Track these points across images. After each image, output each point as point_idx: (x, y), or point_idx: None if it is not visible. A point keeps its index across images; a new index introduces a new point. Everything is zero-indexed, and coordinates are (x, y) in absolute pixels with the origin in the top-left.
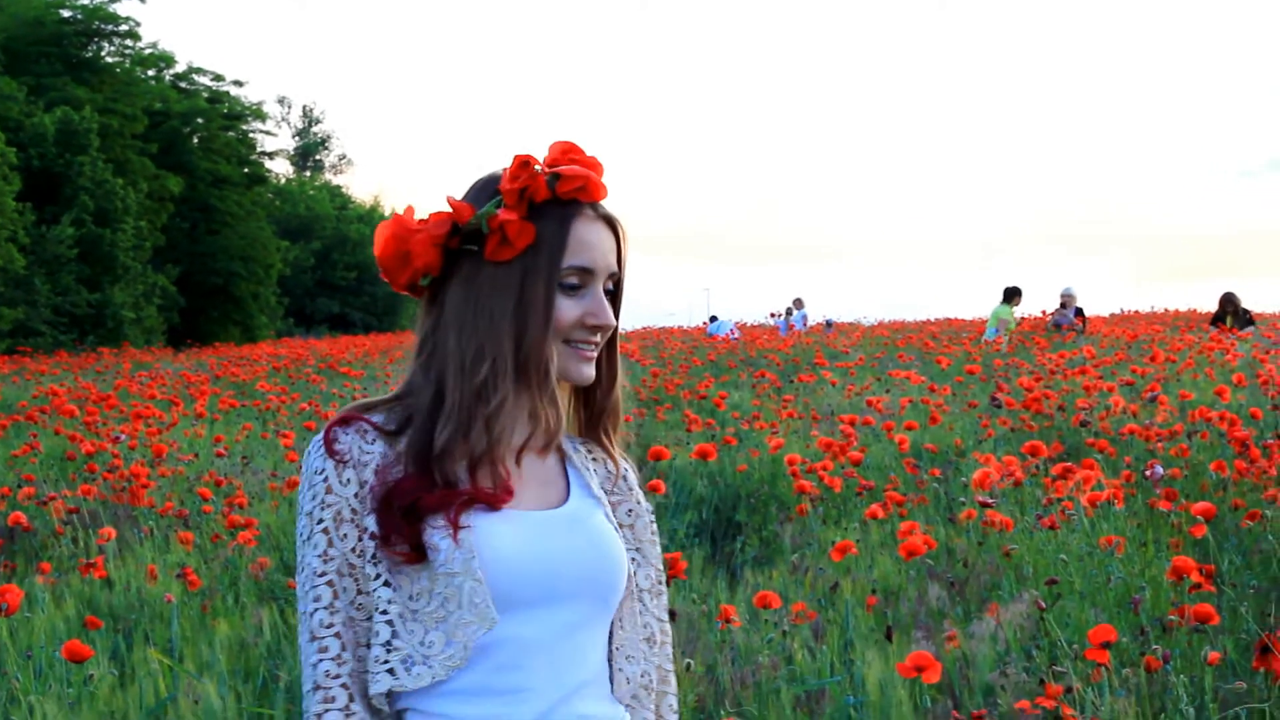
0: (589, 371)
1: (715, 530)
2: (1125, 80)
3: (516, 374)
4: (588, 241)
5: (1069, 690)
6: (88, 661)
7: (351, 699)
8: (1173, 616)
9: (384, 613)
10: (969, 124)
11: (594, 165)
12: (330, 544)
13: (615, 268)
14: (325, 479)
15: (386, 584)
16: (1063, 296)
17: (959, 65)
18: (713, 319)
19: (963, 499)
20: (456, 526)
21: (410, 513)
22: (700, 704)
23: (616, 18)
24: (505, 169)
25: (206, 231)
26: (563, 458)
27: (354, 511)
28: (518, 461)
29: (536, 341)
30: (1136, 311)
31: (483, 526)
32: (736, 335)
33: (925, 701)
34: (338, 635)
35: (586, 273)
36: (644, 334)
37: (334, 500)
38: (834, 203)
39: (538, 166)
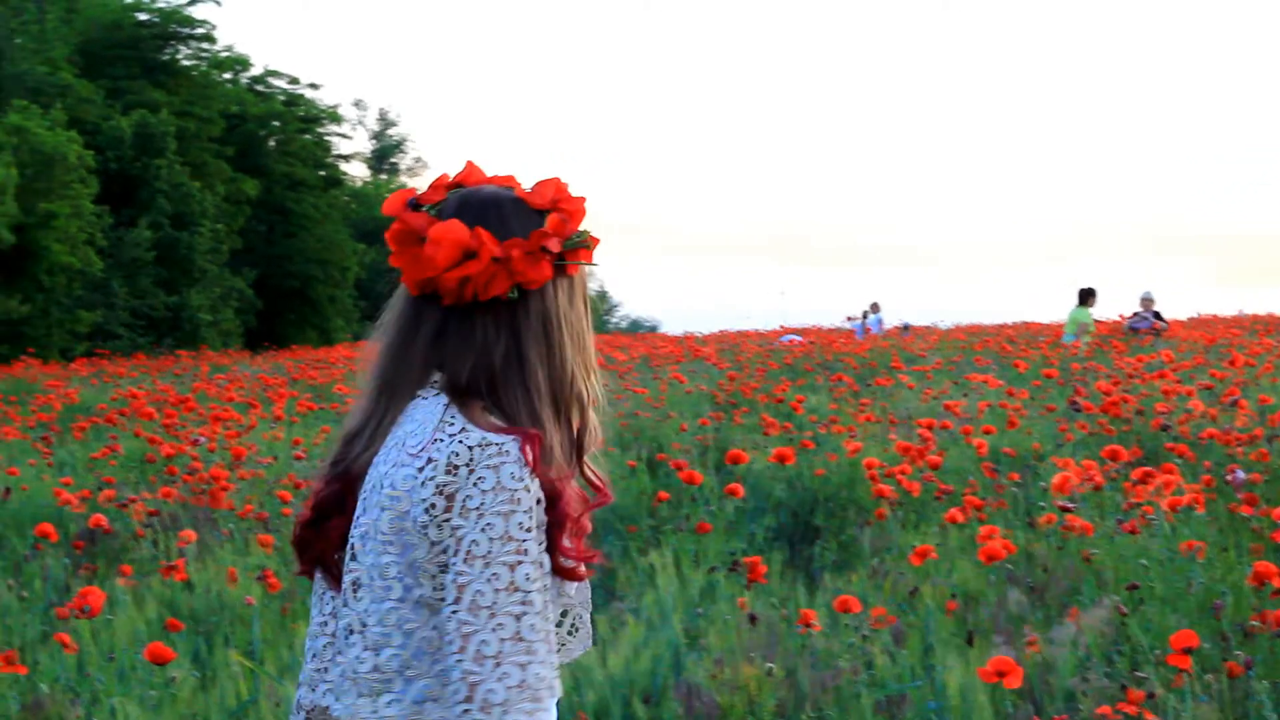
0: None
1: (793, 534)
2: (1210, 80)
3: (590, 392)
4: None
5: (1150, 696)
6: (170, 663)
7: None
8: (1254, 622)
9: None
10: (1048, 124)
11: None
12: (541, 552)
13: None
14: (528, 489)
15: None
16: (1141, 300)
17: (1040, 66)
18: (864, 314)
19: (1042, 503)
20: (588, 574)
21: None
22: (780, 709)
23: (706, 16)
24: (534, 186)
25: (283, 234)
26: None
27: (541, 522)
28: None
29: (582, 369)
30: (1215, 315)
31: None
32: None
33: (1006, 706)
34: (546, 641)
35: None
36: (720, 337)
37: (537, 509)
38: (912, 205)
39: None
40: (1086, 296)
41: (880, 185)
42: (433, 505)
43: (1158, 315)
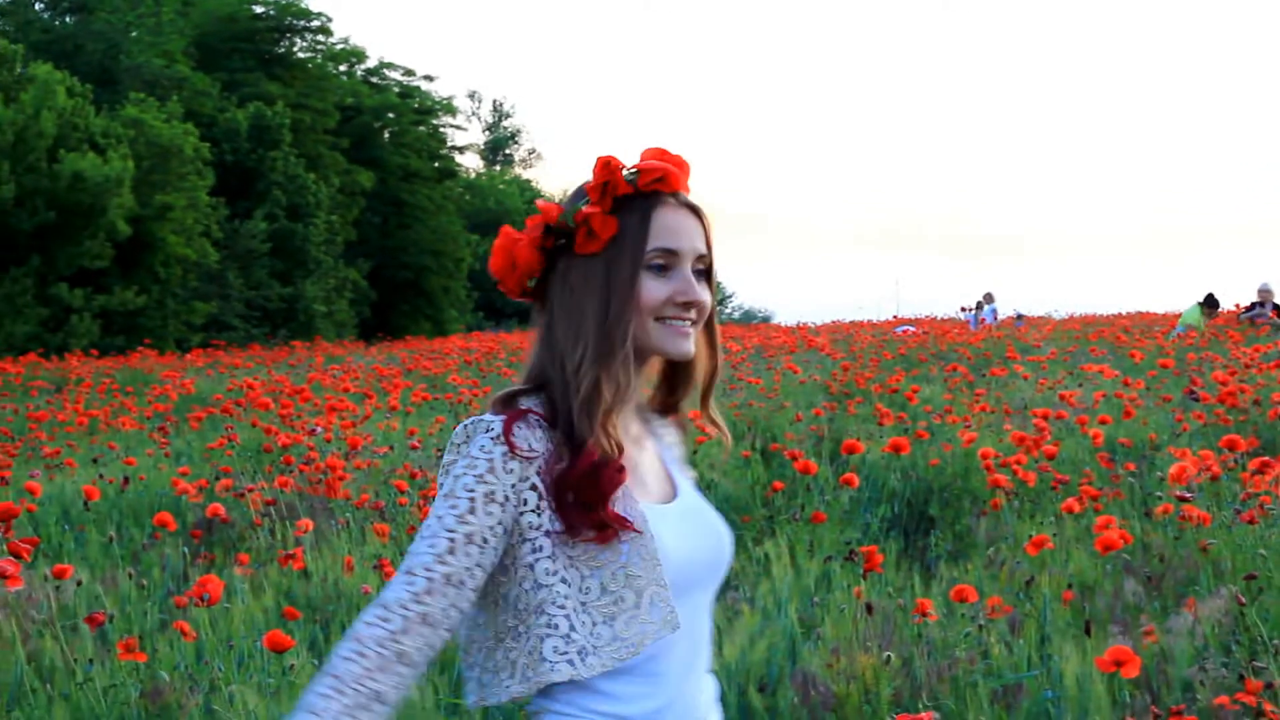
0: (687, 346)
1: (908, 524)
2: None
3: (605, 357)
4: (670, 226)
5: (1269, 686)
6: (288, 651)
7: (403, 634)
8: None
9: (561, 606)
10: (1164, 112)
11: (677, 162)
12: (472, 512)
13: (702, 250)
14: (490, 459)
15: (564, 581)
16: (1260, 292)
17: (1164, 54)
18: (978, 305)
19: (1159, 493)
20: (627, 526)
21: (587, 501)
22: (897, 697)
23: (820, 7)
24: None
25: (397, 226)
26: (655, 445)
27: (505, 499)
28: (621, 450)
29: (624, 324)
30: None
31: (652, 527)
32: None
33: (1124, 696)
34: (432, 581)
35: (672, 254)
36: (833, 328)
37: (492, 481)
38: (1027, 195)
39: (626, 170)
40: (1211, 304)
41: (996, 174)
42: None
43: (1277, 308)
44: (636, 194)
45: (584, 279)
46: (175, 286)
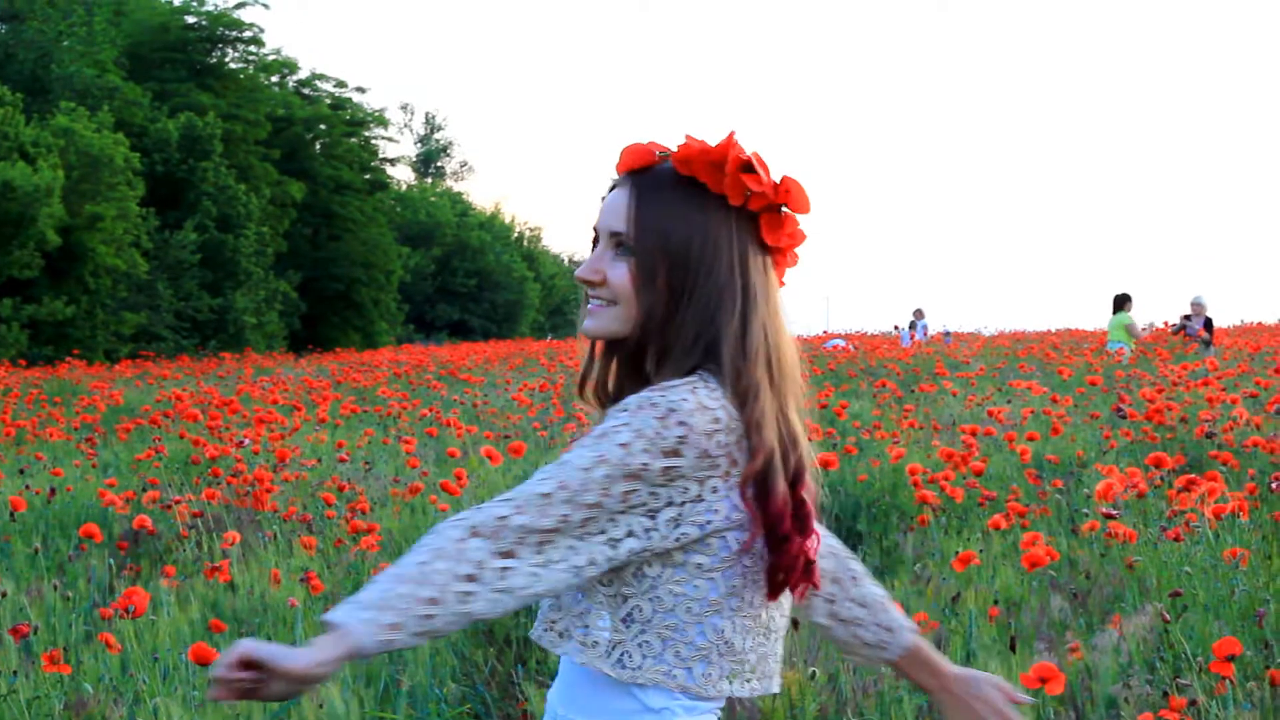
0: (588, 324)
1: None
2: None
3: None
4: (601, 206)
5: (1192, 703)
6: (213, 664)
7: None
8: None
9: None
10: (1091, 129)
11: (636, 147)
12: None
13: (616, 227)
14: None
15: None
16: (1193, 305)
17: (1090, 66)
18: (910, 322)
19: (1085, 510)
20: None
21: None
22: (822, 713)
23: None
24: None
25: (328, 238)
26: None
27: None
28: None
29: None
30: (1260, 323)
31: None
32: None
33: (1048, 713)
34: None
35: (595, 233)
36: None
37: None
38: (960, 212)
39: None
40: (1122, 302)
41: (927, 191)
42: None
43: (1207, 323)
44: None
45: None
46: (105, 297)
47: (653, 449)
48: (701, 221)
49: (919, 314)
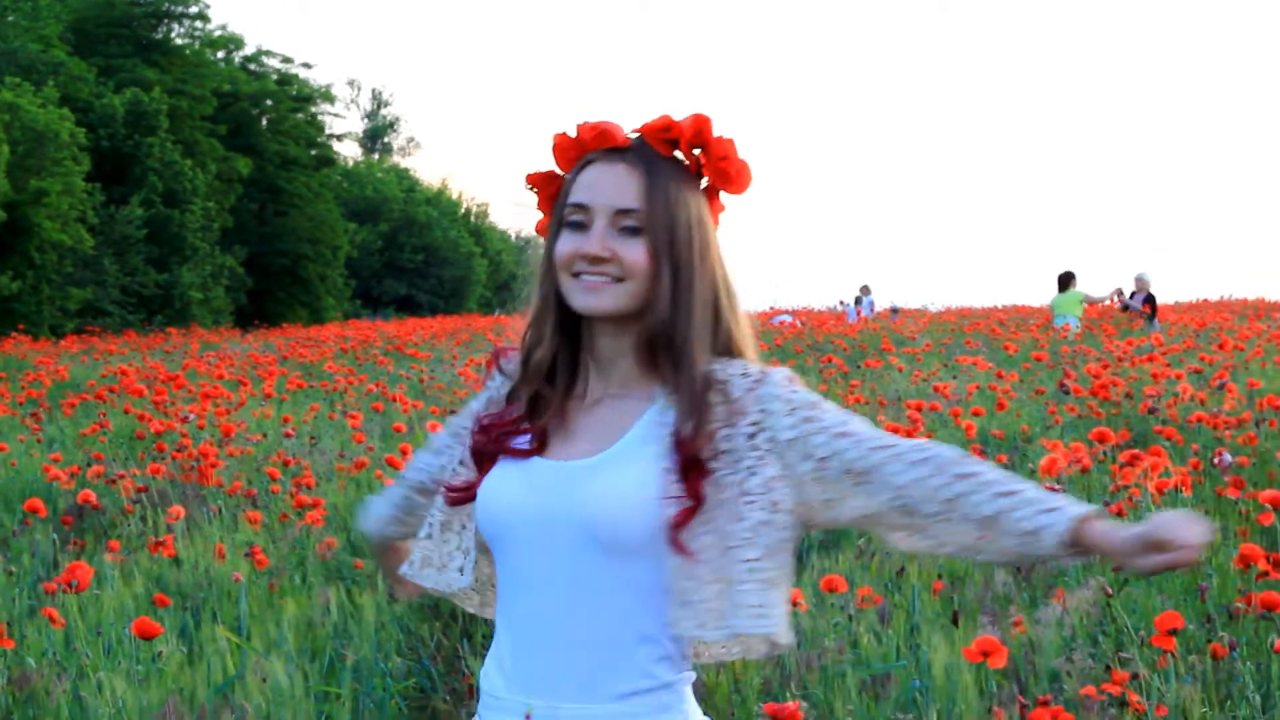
0: (586, 300)
1: None
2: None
3: (535, 312)
4: (589, 182)
5: (1135, 677)
6: (157, 639)
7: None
8: (1239, 604)
9: None
10: (1038, 106)
11: (612, 125)
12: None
13: (625, 204)
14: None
15: None
16: (1136, 280)
17: (1035, 46)
18: (856, 297)
19: None
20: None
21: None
22: (766, 686)
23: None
24: None
25: (274, 213)
26: (623, 406)
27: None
28: (562, 409)
29: (548, 280)
30: (1205, 300)
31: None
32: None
33: (991, 686)
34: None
35: (584, 209)
36: None
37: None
38: (907, 188)
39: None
40: (1068, 281)
41: (874, 167)
42: None
43: (1150, 299)
44: (583, 157)
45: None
46: (50, 272)
47: None
48: (695, 201)
49: (865, 290)
